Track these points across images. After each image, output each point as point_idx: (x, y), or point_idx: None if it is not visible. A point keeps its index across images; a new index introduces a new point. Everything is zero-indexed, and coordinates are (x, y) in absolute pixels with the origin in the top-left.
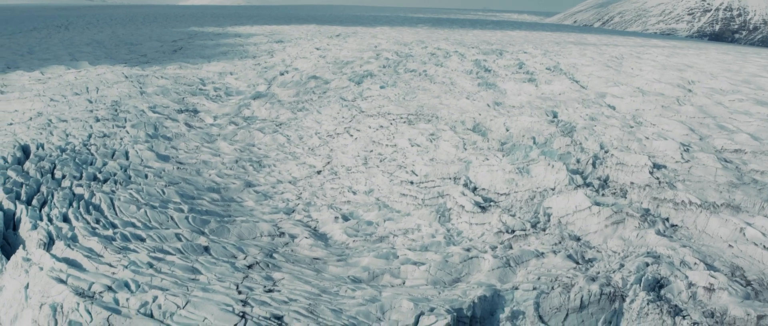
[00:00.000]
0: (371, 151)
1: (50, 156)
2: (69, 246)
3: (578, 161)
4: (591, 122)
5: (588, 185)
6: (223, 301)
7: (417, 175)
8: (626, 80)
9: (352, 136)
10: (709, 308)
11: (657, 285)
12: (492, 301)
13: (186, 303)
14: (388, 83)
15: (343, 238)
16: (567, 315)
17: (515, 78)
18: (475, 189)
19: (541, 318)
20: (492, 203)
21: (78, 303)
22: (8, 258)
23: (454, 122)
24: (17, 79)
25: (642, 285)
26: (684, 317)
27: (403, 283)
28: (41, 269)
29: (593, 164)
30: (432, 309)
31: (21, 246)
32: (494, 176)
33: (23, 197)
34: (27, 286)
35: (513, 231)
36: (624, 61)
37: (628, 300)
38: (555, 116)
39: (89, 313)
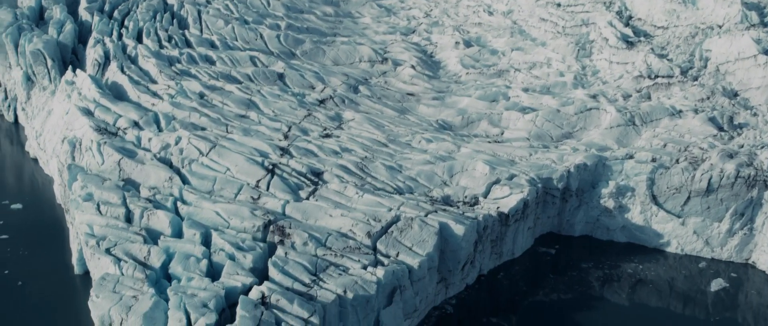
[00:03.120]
0: None
1: None
2: (122, 68)
3: None
4: None
5: (766, 25)
6: (259, 148)
7: None
8: None
9: None
10: None
11: None
12: (594, 172)
13: (210, 149)
14: None
15: (456, 69)
16: (688, 198)
17: None
18: (630, 18)
19: (654, 198)
20: (643, 38)
21: (92, 141)
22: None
23: None
24: None
25: None
26: None
27: (502, 134)
28: (80, 94)
29: None
30: (511, 177)
31: (69, 68)
32: (653, 4)
33: (106, 8)
34: (68, 112)
35: (656, 77)
36: None
37: None
38: None
39: (101, 155)
